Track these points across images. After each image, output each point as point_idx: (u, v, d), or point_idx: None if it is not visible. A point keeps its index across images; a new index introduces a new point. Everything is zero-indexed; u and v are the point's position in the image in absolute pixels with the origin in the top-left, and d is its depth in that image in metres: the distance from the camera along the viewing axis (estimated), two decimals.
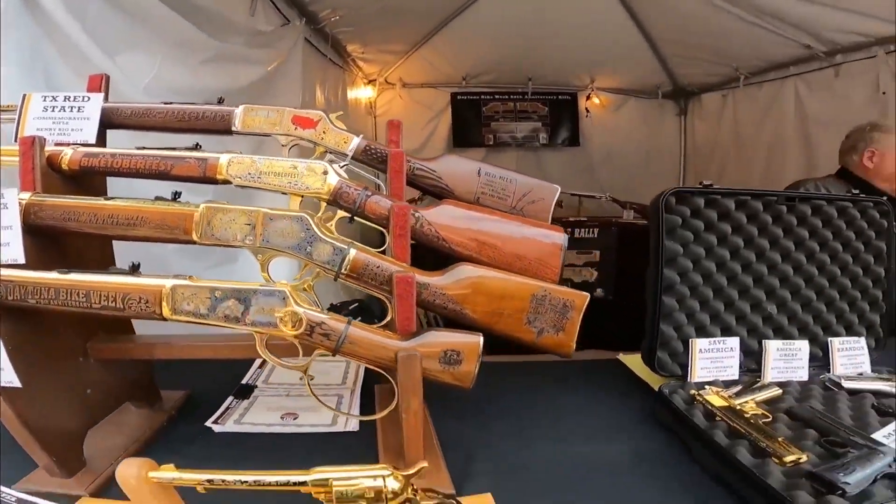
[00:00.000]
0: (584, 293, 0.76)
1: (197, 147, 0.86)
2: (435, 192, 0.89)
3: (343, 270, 0.72)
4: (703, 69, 3.59)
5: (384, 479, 0.57)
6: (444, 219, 0.81)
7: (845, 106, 2.43)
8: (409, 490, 0.59)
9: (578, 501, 0.75)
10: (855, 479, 0.68)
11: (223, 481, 0.56)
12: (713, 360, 1.00)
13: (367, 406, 0.99)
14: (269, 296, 0.65)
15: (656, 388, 0.98)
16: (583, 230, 3.11)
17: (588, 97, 4.18)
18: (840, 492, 0.67)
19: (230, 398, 1.01)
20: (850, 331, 1.11)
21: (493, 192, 0.89)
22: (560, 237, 0.81)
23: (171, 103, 0.93)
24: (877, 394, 0.97)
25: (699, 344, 1.00)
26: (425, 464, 0.59)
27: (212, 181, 0.84)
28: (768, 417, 0.88)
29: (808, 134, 2.74)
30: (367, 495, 0.57)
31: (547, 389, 1.08)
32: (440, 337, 0.69)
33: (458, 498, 0.69)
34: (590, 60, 3.85)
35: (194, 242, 0.75)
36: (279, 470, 0.60)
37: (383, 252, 0.78)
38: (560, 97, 4.19)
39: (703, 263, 1.03)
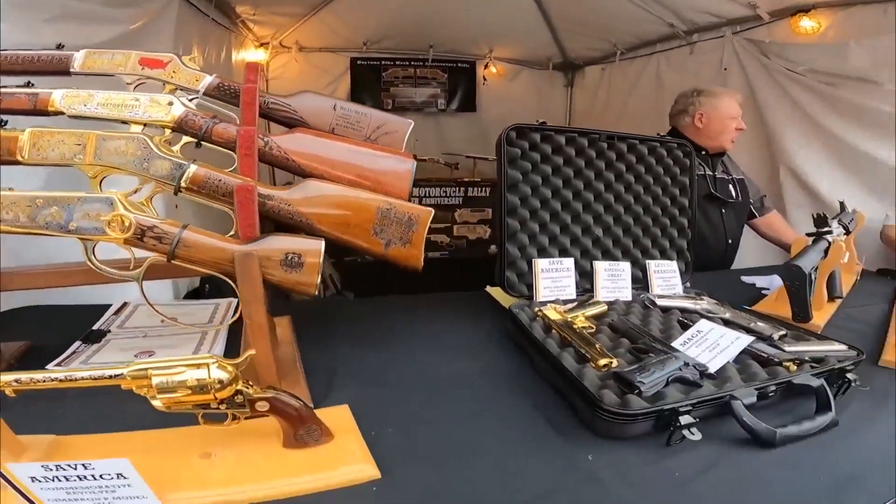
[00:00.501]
0: (429, 209, 0.81)
1: (28, 85, 0.82)
2: (289, 124, 0.90)
3: (183, 184, 0.72)
4: (587, 44, 3.83)
5: (209, 368, 0.55)
6: (294, 144, 0.83)
7: (695, 80, 2.71)
8: (240, 382, 0.58)
9: (430, 408, 0.82)
10: (650, 379, 0.76)
11: (31, 380, 0.53)
12: (553, 279, 1.13)
13: (235, 344, 0.97)
14: (96, 202, 0.63)
15: None
16: (477, 189, 3.25)
17: (486, 66, 4.28)
18: (637, 391, 0.75)
19: (77, 343, 0.97)
20: (664, 255, 1.29)
21: (347, 124, 0.91)
22: (409, 162, 0.86)
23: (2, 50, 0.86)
24: (683, 310, 1.15)
25: (540, 264, 1.12)
26: (253, 352, 0.60)
27: (43, 113, 0.80)
28: (593, 328, 1.01)
29: (663, 105, 3.03)
30: (190, 384, 0.55)
31: (416, 319, 1.16)
32: (280, 241, 0.70)
33: (312, 407, 0.68)
34: (489, 31, 3.93)
35: (19, 163, 0.72)
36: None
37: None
38: (459, 65, 4.26)
39: (541, 190, 1.16)
